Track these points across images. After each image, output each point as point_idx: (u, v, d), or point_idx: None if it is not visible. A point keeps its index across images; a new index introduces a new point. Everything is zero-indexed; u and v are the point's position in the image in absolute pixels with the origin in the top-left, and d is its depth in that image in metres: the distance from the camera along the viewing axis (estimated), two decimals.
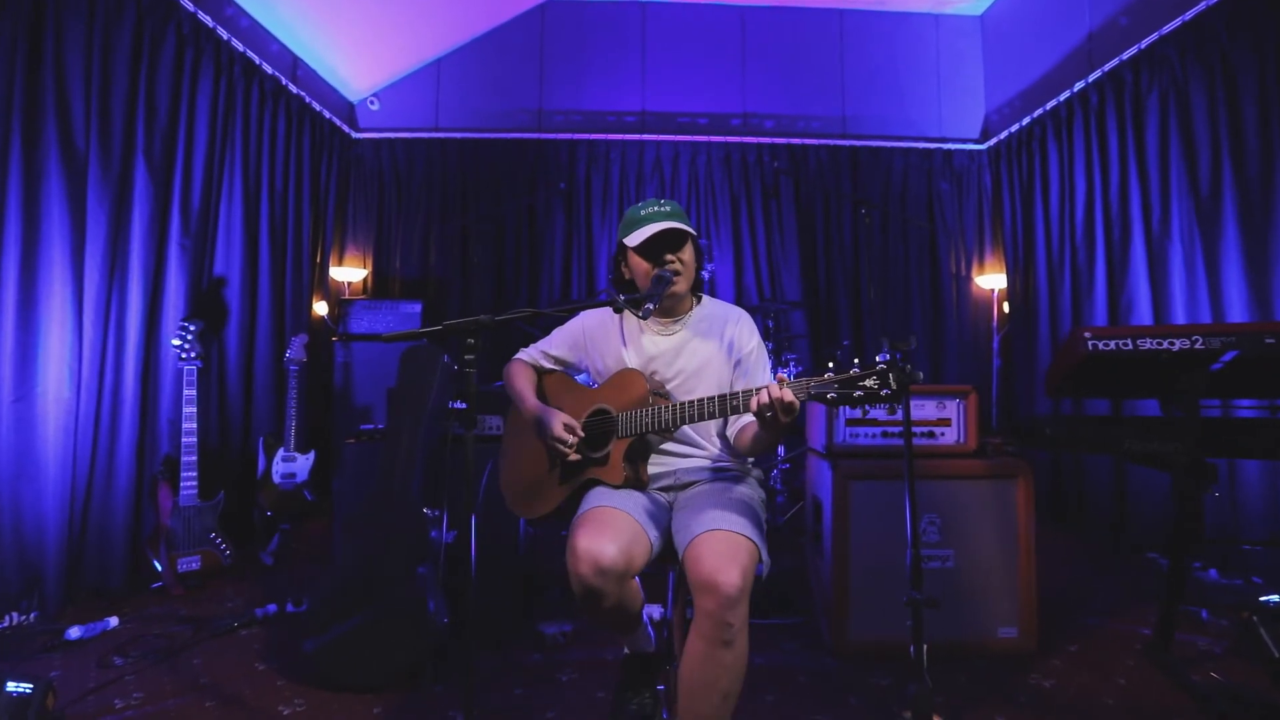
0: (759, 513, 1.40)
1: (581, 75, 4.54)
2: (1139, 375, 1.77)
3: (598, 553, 1.25)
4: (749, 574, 1.22)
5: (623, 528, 1.32)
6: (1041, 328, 3.84)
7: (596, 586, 1.27)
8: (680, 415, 1.35)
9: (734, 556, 1.21)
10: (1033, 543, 1.98)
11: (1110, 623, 2.25)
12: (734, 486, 1.45)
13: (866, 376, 1.15)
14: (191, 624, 2.22)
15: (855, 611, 1.97)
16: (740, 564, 1.20)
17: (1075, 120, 3.59)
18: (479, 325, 1.19)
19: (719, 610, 1.18)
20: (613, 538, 1.28)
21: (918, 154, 4.53)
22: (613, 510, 1.36)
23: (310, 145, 3.81)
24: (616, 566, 1.26)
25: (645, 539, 1.34)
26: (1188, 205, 2.92)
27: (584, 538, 1.28)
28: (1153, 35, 3.09)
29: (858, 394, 1.15)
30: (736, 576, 1.18)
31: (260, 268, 3.34)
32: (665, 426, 1.37)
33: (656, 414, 1.37)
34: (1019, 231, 4.12)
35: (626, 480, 1.44)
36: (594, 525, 1.32)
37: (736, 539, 1.25)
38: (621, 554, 1.27)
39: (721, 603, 1.18)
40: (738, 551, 1.22)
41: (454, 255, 4.35)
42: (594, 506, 1.39)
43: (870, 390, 1.14)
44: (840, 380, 1.17)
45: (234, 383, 3.13)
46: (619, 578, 1.28)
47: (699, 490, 1.47)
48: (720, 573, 1.18)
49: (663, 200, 1.47)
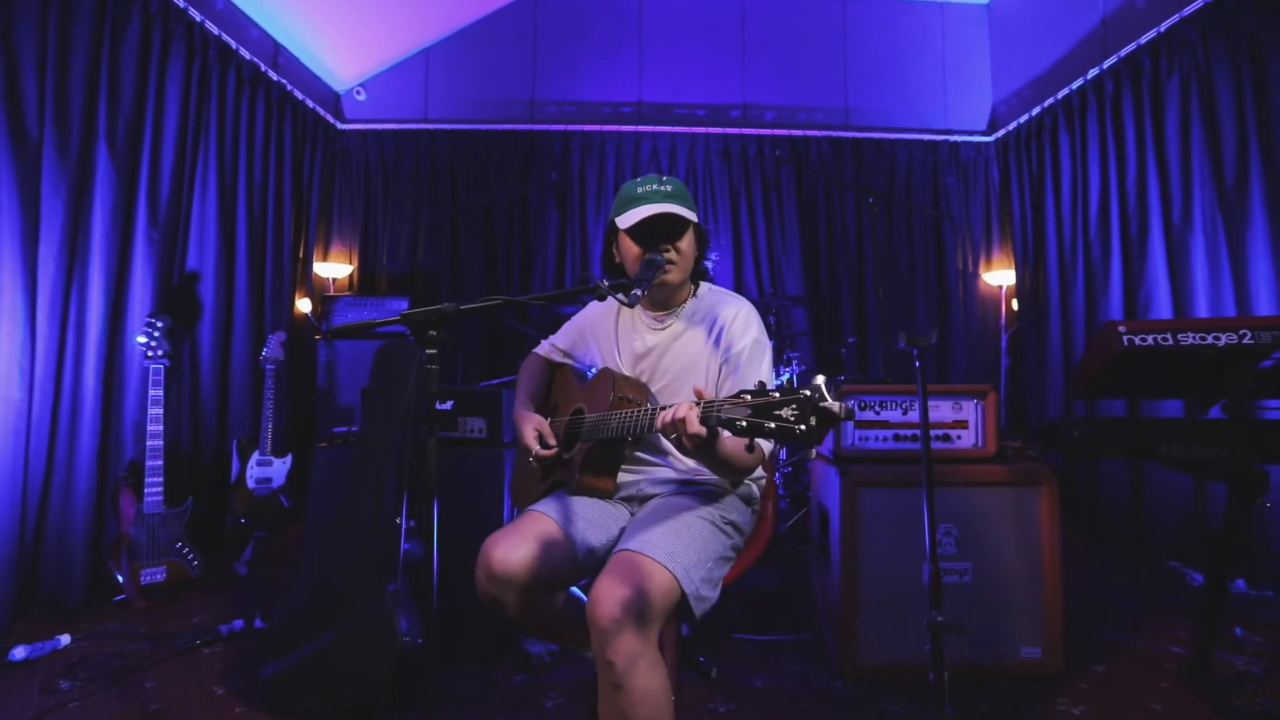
0: (711, 536, 1.20)
1: (576, 65, 4.39)
2: (1178, 373, 1.62)
3: (493, 557, 1.15)
4: (638, 605, 1.01)
5: (535, 535, 1.19)
6: (1053, 326, 3.68)
7: (490, 593, 1.16)
8: (618, 427, 1.21)
9: (622, 583, 1.03)
10: (1058, 555, 1.82)
11: (1136, 639, 2.10)
12: (691, 505, 1.25)
13: (784, 404, 0.87)
14: (151, 641, 2.06)
15: (865, 630, 1.82)
16: (625, 592, 1.01)
17: (1089, 109, 3.44)
18: (442, 315, 1.04)
19: (599, 646, 1.02)
20: (518, 544, 1.16)
21: (923, 146, 4.38)
22: (538, 515, 1.25)
23: (292, 136, 3.66)
24: (512, 575, 1.14)
25: (567, 551, 1.20)
26: (1211, 195, 2.77)
27: (490, 540, 1.19)
28: (1173, 17, 2.94)
29: (770, 425, 0.88)
30: (613, 605, 1.00)
31: (237, 262, 3.19)
32: (612, 434, 1.23)
33: (607, 422, 1.24)
34: (1029, 226, 3.97)
35: (581, 488, 1.31)
36: (507, 530, 1.21)
37: (639, 562, 1.07)
38: (521, 564, 1.14)
39: (598, 636, 1.01)
40: (631, 578, 1.04)
41: (443, 250, 4.20)
42: (529, 509, 1.28)
43: (785, 424, 0.86)
44: (755, 405, 0.91)
45: (207, 383, 2.98)
46: (516, 587, 1.15)
47: (651, 505, 1.31)
48: (600, 602, 1.01)
49: (665, 178, 1.30)
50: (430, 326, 1.04)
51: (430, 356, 1.05)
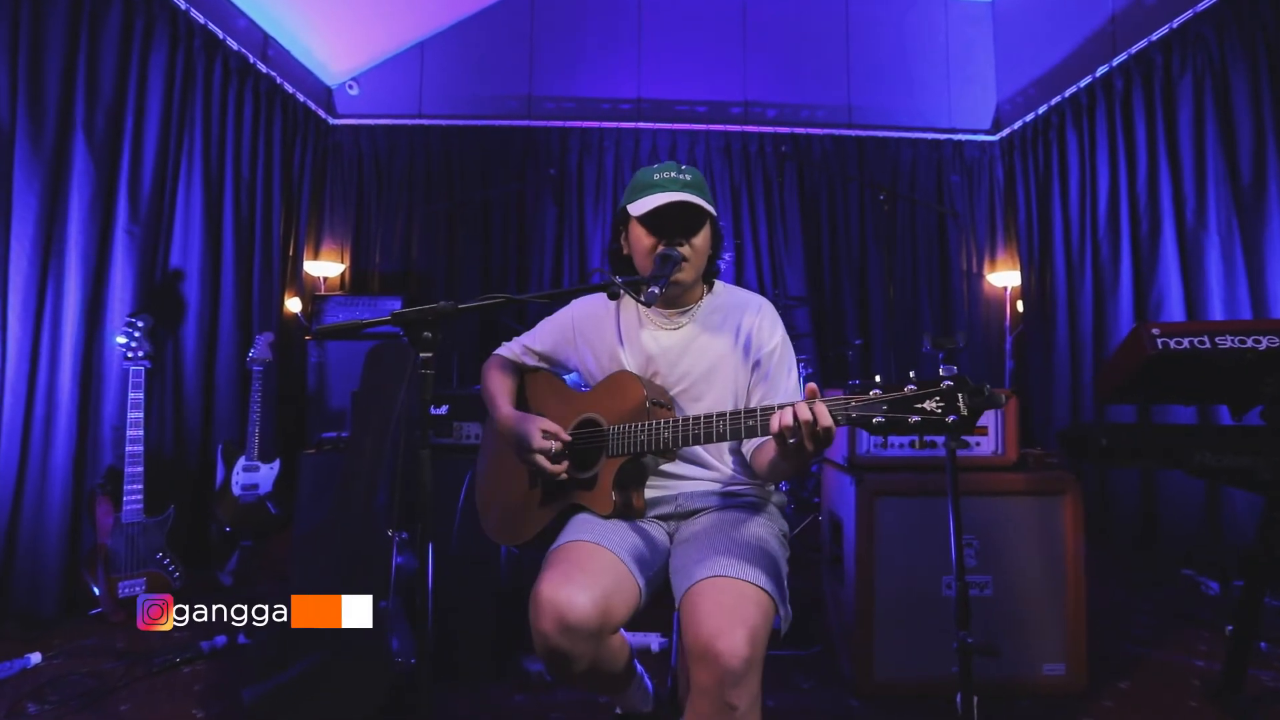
0: (778, 553, 1.13)
1: (574, 61, 4.30)
2: (1213, 377, 1.54)
3: (565, 605, 0.99)
4: (760, 638, 0.95)
5: (601, 571, 1.06)
6: (1060, 329, 3.62)
7: (562, 648, 1.01)
8: (682, 435, 1.08)
9: (740, 615, 0.94)
10: (1082, 568, 1.74)
11: (1157, 653, 2.02)
12: (748, 518, 1.17)
13: (925, 396, 0.85)
14: (127, 659, 1.95)
15: (882, 646, 1.73)
16: (749, 625, 0.94)
17: (1097, 107, 3.38)
18: (438, 314, 0.95)
19: (718, 687, 0.92)
20: (586, 585, 1.02)
21: (927, 145, 4.32)
22: (591, 547, 1.10)
23: (282, 130, 3.55)
24: (588, 623, 1.00)
25: (631, 585, 1.08)
26: (1226, 194, 2.71)
27: (549, 584, 1.02)
28: (1186, 13, 2.89)
29: (914, 420, 0.85)
30: (743, 643, 0.91)
31: (224, 260, 3.07)
32: (665, 447, 1.11)
33: (654, 431, 1.11)
34: (1034, 226, 3.91)
35: (616, 509, 1.18)
36: (564, 567, 1.06)
37: (744, 590, 0.98)
38: (595, 606, 1.00)
39: (721, 677, 0.91)
40: (744, 608, 0.96)
41: (437, 249, 4.10)
42: (570, 541, 1.13)
43: (930, 416, 0.84)
44: (890, 400, 0.87)
45: (191, 385, 2.86)
46: (592, 636, 1.01)
47: (704, 522, 1.20)
48: (721, 637, 0.92)
49: (684, 167, 1.20)
50: (426, 327, 0.95)
51: (425, 359, 0.95)
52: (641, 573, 1.12)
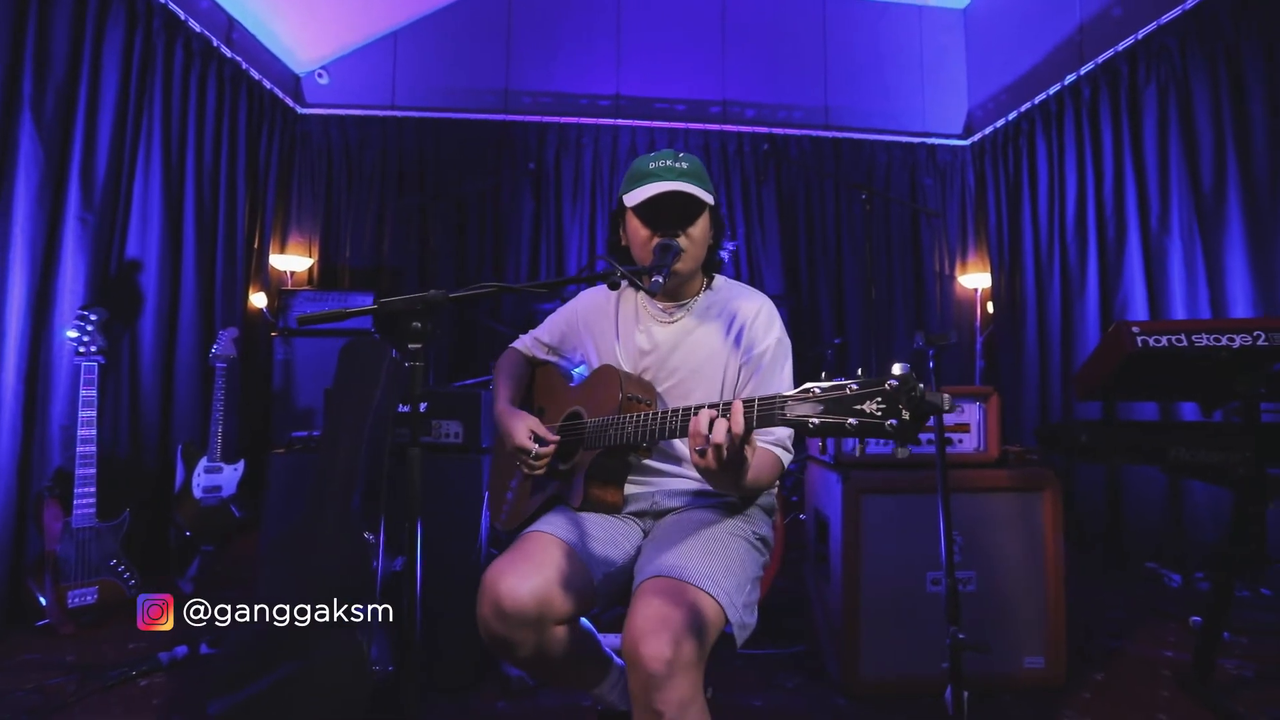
0: (745, 557, 1.09)
1: (552, 55, 4.24)
2: (1188, 375, 1.58)
3: (502, 591, 0.99)
4: (688, 641, 0.89)
5: (548, 561, 1.04)
6: (1029, 329, 3.71)
7: (499, 633, 1.00)
8: (638, 431, 1.04)
9: (668, 617, 0.90)
10: (1061, 562, 1.78)
11: (1129, 645, 2.08)
12: (719, 519, 1.13)
13: (865, 397, 0.74)
14: (78, 673, 1.83)
15: (867, 644, 1.73)
16: (674, 627, 0.89)
17: (1066, 115, 3.47)
18: (428, 304, 0.90)
19: (643, 693, 0.89)
20: (528, 573, 1.01)
21: (901, 148, 4.39)
22: (546, 538, 1.09)
23: (247, 117, 3.40)
24: (524, 612, 0.98)
25: (581, 579, 1.06)
26: (1188, 202, 2.81)
27: (493, 570, 1.03)
28: (1150, 25, 2.98)
29: (851, 423, 0.75)
30: (664, 645, 0.87)
31: (184, 252, 2.93)
32: (629, 441, 1.07)
33: (622, 426, 1.08)
34: (1004, 229, 4.01)
35: (588, 503, 1.17)
36: (511, 556, 1.06)
37: (683, 591, 0.94)
38: (533, 595, 0.99)
39: (645, 681, 0.88)
40: (677, 610, 0.91)
41: (410, 244, 3.99)
42: (530, 530, 1.13)
43: (869, 419, 0.74)
44: (828, 400, 0.77)
45: (149, 382, 2.72)
46: (529, 624, 1.00)
47: (671, 521, 1.18)
48: (644, 640, 0.88)
49: (681, 155, 1.16)
50: (415, 316, 0.89)
51: (414, 351, 0.90)
52: (600, 568, 1.10)
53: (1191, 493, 2.75)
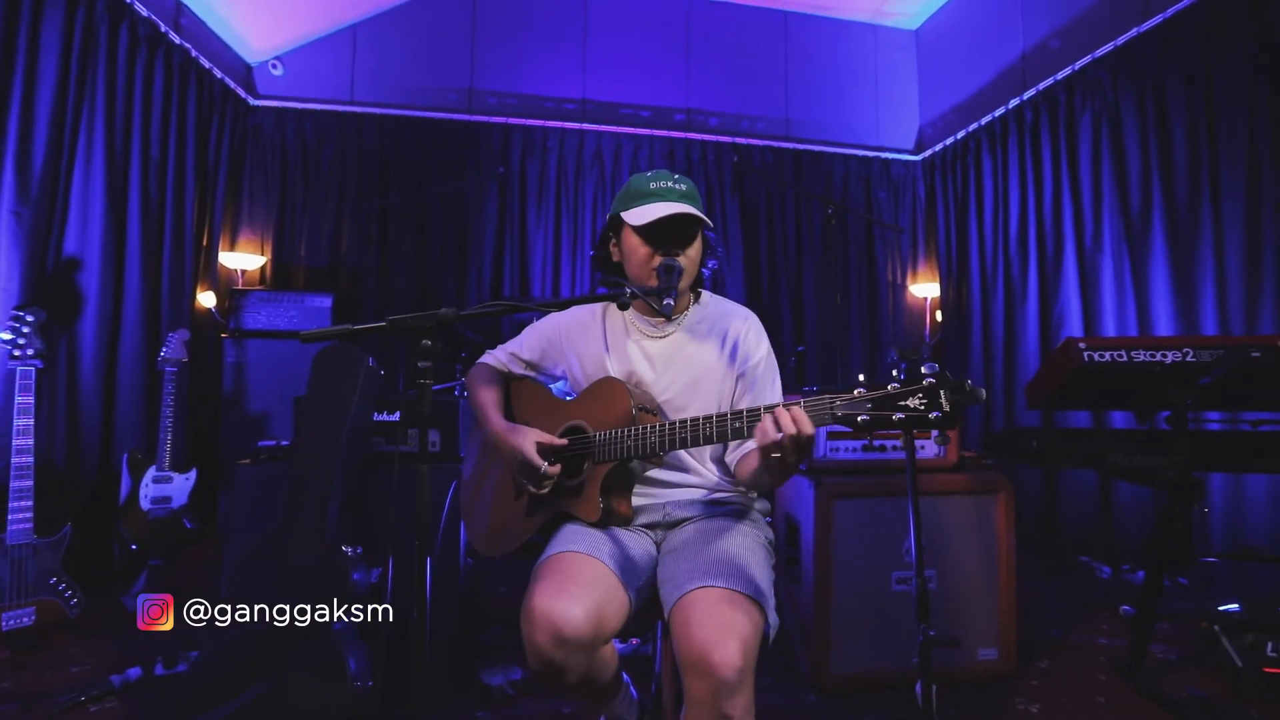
0: (765, 562, 1.15)
1: (518, 56, 4.21)
2: (1127, 387, 1.72)
3: (559, 618, 0.98)
4: (753, 647, 0.96)
5: (592, 582, 1.05)
6: (974, 337, 3.93)
7: (557, 660, 1.00)
8: (670, 439, 1.08)
9: (732, 625, 0.95)
10: (1013, 560, 1.90)
11: (1069, 635, 2.24)
12: (735, 526, 1.19)
13: (909, 394, 0.89)
14: (18, 701, 1.72)
15: (838, 642, 1.81)
16: (741, 635, 0.94)
17: (1010, 136, 3.70)
18: (439, 322, 0.90)
19: (713, 698, 0.92)
20: (579, 596, 1.01)
21: (857, 161, 4.56)
22: (583, 558, 1.09)
23: (197, 108, 3.24)
24: (582, 635, 0.99)
25: (621, 595, 1.08)
26: (1118, 222, 3.04)
27: (542, 596, 1.01)
28: (1085, 58, 3.21)
29: (898, 416, 0.88)
30: (735, 654, 0.92)
31: (129, 248, 2.77)
32: (652, 451, 1.11)
33: (641, 436, 1.11)
34: (953, 242, 4.22)
35: (603, 515, 1.17)
36: (558, 579, 1.05)
37: (735, 600, 0.99)
38: (589, 618, 1.00)
39: (716, 688, 0.92)
40: (736, 618, 0.96)
41: (370, 244, 3.88)
42: (560, 552, 1.12)
43: (914, 413, 0.88)
44: (874, 398, 0.91)
45: (89, 388, 2.56)
46: (585, 647, 1.01)
47: (691, 531, 1.20)
48: (715, 648, 0.92)
49: (677, 176, 1.20)
50: (425, 335, 0.90)
51: (424, 370, 0.90)
52: (630, 583, 1.12)
53: (1119, 492, 2.98)
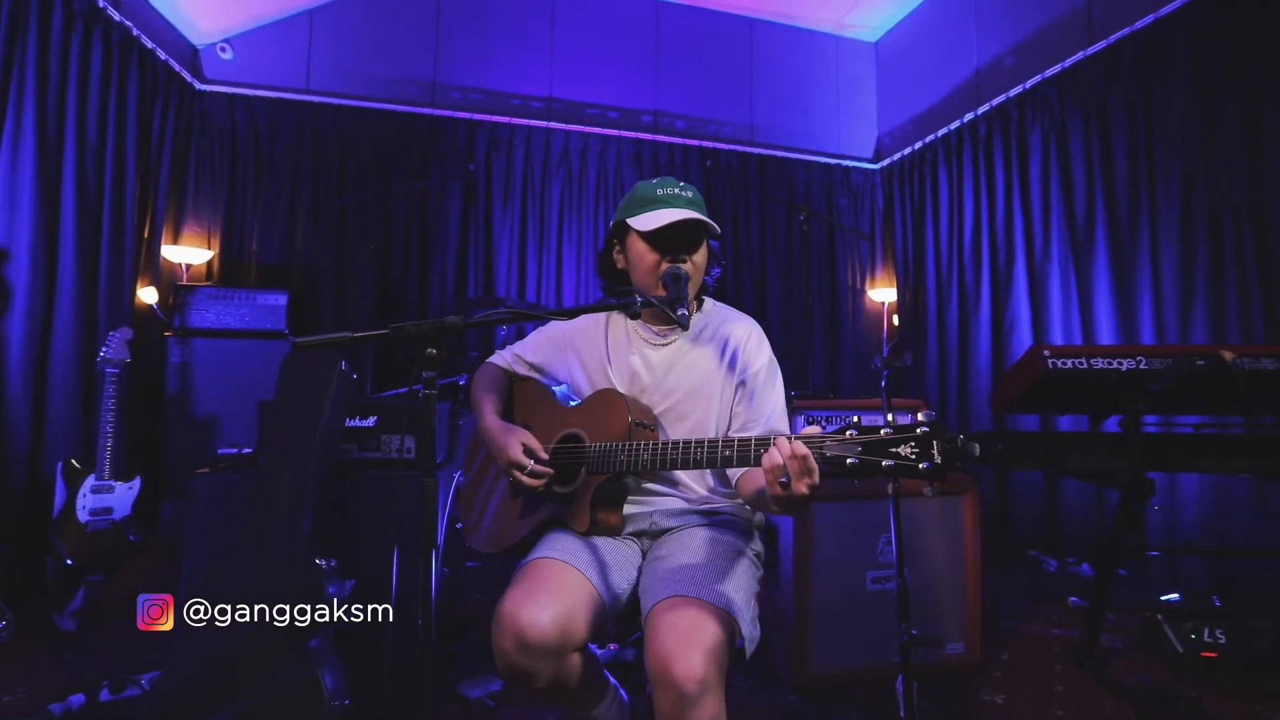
0: (749, 572, 1.15)
1: (484, 51, 4.12)
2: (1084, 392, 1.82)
3: (525, 623, 0.98)
4: (717, 658, 0.94)
5: (564, 589, 1.05)
6: (930, 342, 4.09)
7: (522, 666, 1.00)
8: (662, 459, 1.08)
9: (695, 636, 0.94)
10: (979, 558, 1.99)
11: (1024, 627, 2.36)
12: (721, 536, 1.18)
13: (901, 440, 0.84)
14: None
15: (816, 643, 1.85)
16: (704, 646, 0.93)
17: (965, 149, 3.86)
18: (444, 329, 0.87)
19: (675, 711, 0.92)
20: (547, 603, 1.01)
21: (819, 168, 4.67)
22: (558, 565, 1.09)
23: (139, 91, 3.04)
24: (547, 642, 0.99)
25: (597, 603, 1.08)
26: (1065, 235, 3.22)
27: (512, 601, 1.02)
28: (1035, 77, 3.39)
29: (887, 464, 0.85)
30: (697, 665, 0.91)
31: (62, 239, 2.57)
32: (644, 469, 1.11)
33: (634, 452, 1.11)
34: (910, 249, 4.38)
35: (593, 526, 1.17)
36: (528, 585, 1.05)
37: (702, 610, 0.98)
38: (555, 625, 1.00)
39: (677, 700, 0.91)
40: (702, 628, 0.95)
41: (328, 240, 3.73)
42: (537, 558, 1.12)
43: (904, 461, 0.84)
44: (865, 442, 0.87)
45: (17, 391, 2.37)
46: (551, 654, 1.00)
47: (675, 539, 1.21)
48: (675, 660, 0.92)
49: (682, 183, 1.20)
50: (429, 343, 0.86)
51: (429, 379, 0.87)
52: (609, 591, 1.12)
53: (1065, 490, 3.15)
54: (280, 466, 1.56)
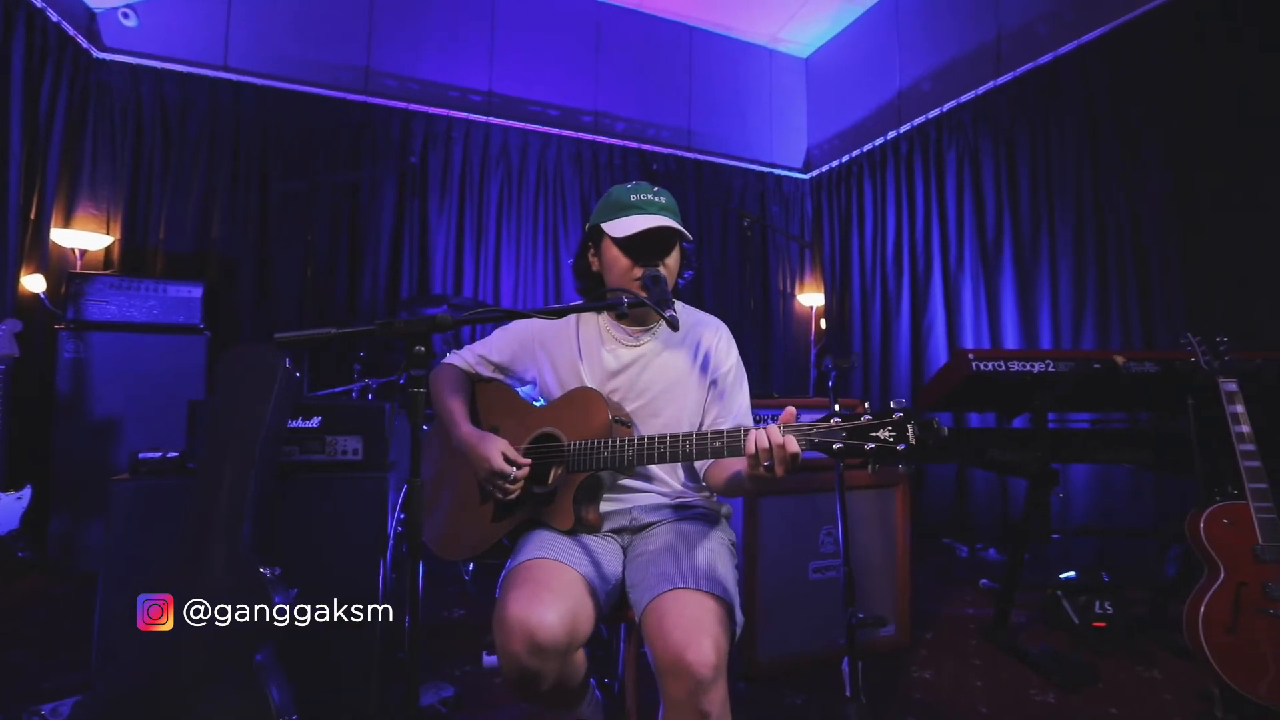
0: (730, 563, 1.20)
1: (420, 39, 3.99)
2: (1001, 392, 2.01)
3: (535, 625, 0.99)
4: (724, 646, 1.00)
5: (565, 589, 1.06)
6: (855, 343, 4.34)
7: (533, 668, 1.00)
8: (646, 453, 1.11)
9: (703, 625, 0.99)
10: (908, 545, 2.15)
11: (943, 608, 2.56)
12: (702, 530, 1.23)
13: (879, 426, 0.93)
14: None
15: (763, 631, 1.94)
16: (713, 634, 0.98)
17: (888, 164, 4.13)
18: (434, 327, 0.86)
19: (690, 697, 0.96)
20: (553, 602, 1.02)
21: (754, 175, 4.85)
22: (554, 565, 1.10)
23: (25, 54, 2.73)
24: (557, 642, 1.00)
25: (594, 600, 1.10)
26: (976, 247, 3.52)
27: (517, 603, 1.01)
28: (950, 102, 3.68)
29: (869, 447, 0.94)
30: (710, 652, 0.96)
31: None
32: (628, 464, 1.14)
33: (618, 449, 1.13)
34: (837, 256, 4.63)
35: (575, 524, 1.18)
36: (531, 587, 1.04)
37: (706, 601, 1.03)
38: (564, 625, 1.01)
39: (693, 687, 0.95)
40: (707, 618, 1.00)
41: (247, 229, 3.48)
42: (531, 559, 1.12)
43: (884, 444, 0.93)
44: (849, 428, 0.95)
45: None
46: (560, 654, 1.01)
47: (659, 535, 1.24)
48: (689, 649, 0.96)
49: (655, 188, 1.23)
50: (418, 340, 0.85)
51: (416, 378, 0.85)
52: (599, 588, 1.13)
53: (974, 481, 3.45)
54: (219, 471, 1.46)
